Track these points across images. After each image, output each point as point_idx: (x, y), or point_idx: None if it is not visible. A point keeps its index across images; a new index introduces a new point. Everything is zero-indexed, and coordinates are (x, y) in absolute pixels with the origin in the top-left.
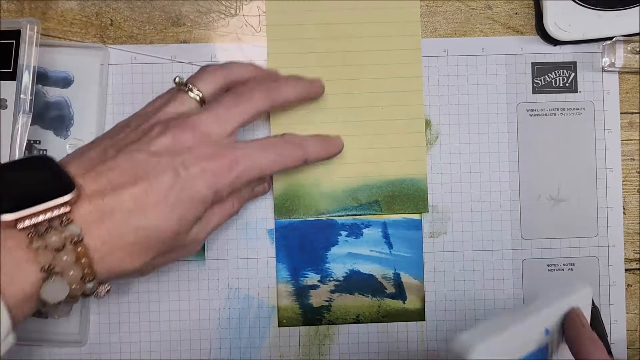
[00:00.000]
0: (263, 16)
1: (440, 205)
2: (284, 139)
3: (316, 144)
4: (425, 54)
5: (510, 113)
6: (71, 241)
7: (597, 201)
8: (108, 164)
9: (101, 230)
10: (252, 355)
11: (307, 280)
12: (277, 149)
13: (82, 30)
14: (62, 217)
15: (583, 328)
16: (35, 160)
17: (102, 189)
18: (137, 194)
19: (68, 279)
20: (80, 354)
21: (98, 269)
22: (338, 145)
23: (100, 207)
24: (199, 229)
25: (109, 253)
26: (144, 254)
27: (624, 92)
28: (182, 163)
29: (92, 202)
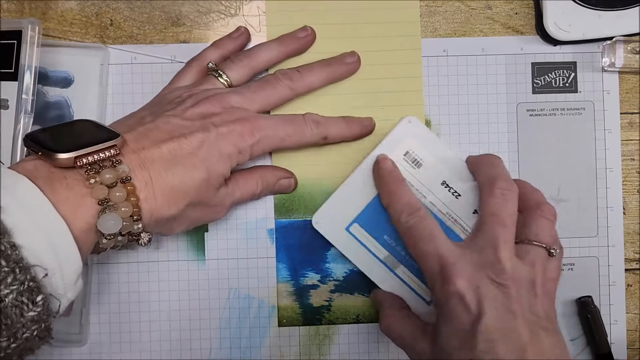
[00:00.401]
0: (263, 16)
1: None
2: (306, 116)
3: (339, 123)
4: (425, 54)
5: (510, 113)
6: (121, 179)
7: (597, 201)
8: (147, 126)
9: (144, 174)
10: (252, 355)
11: (307, 280)
12: (298, 124)
13: (82, 30)
14: (112, 158)
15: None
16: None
17: (143, 144)
18: (173, 147)
19: (120, 213)
20: (80, 354)
21: (143, 210)
22: (365, 125)
23: (142, 156)
24: (225, 194)
25: (151, 195)
26: (179, 200)
27: (624, 92)
28: (212, 123)
29: (135, 152)
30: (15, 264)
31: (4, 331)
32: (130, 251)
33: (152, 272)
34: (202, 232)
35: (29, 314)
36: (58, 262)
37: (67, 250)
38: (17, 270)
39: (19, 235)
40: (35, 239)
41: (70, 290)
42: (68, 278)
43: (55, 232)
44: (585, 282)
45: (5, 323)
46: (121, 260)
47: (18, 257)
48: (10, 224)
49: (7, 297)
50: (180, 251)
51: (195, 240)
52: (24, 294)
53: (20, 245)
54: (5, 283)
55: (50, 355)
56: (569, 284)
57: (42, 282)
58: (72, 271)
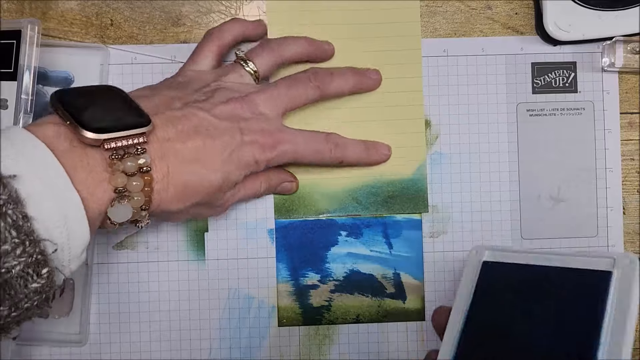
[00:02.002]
0: (263, 16)
1: (440, 205)
2: (329, 137)
3: (357, 146)
4: (425, 54)
5: (510, 113)
6: (141, 169)
7: (597, 201)
8: (176, 114)
9: (163, 167)
10: (252, 355)
11: (307, 280)
12: (318, 144)
13: (82, 30)
14: (138, 146)
15: None
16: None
17: (169, 135)
18: (198, 145)
19: (133, 203)
20: (80, 354)
21: (153, 201)
22: (383, 153)
23: (166, 147)
24: (230, 195)
25: (164, 189)
26: (188, 199)
27: (623, 92)
28: (240, 129)
29: (160, 141)
30: (25, 236)
31: (7, 301)
32: (130, 251)
33: (152, 272)
34: (202, 232)
35: (33, 285)
36: (68, 237)
37: (79, 227)
38: (27, 242)
39: (32, 206)
40: (49, 213)
41: (74, 262)
42: (74, 252)
43: (70, 209)
44: None
45: (9, 293)
46: (121, 260)
47: (29, 229)
48: (24, 193)
49: (14, 269)
50: (180, 251)
51: (195, 240)
52: (30, 266)
53: (32, 217)
54: (14, 254)
55: (50, 356)
56: None
57: (49, 256)
58: (80, 246)
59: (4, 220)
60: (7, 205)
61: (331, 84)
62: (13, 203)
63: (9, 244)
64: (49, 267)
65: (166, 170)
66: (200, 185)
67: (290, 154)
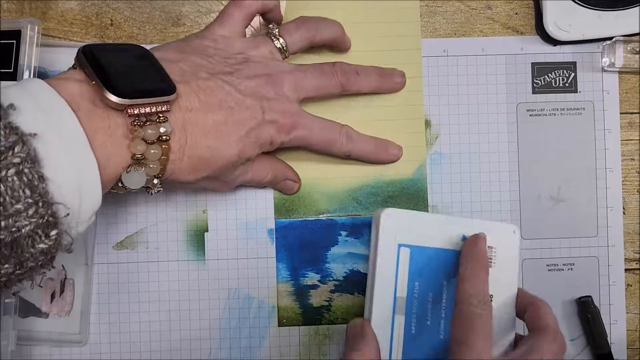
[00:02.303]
0: None
1: (440, 205)
2: (343, 129)
3: (367, 143)
4: (425, 54)
5: (510, 113)
6: (161, 138)
7: (597, 201)
8: (200, 84)
9: (182, 137)
10: (252, 355)
11: (307, 280)
12: (332, 134)
13: (82, 30)
14: (160, 114)
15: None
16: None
17: (192, 105)
18: (219, 119)
19: (148, 171)
20: (80, 354)
21: (167, 170)
22: (392, 153)
23: (187, 117)
24: (239, 173)
25: (180, 159)
26: (201, 171)
27: (623, 92)
28: (262, 108)
29: (182, 111)
30: (39, 197)
31: (12, 259)
32: (130, 251)
33: (152, 272)
34: (202, 232)
35: (40, 245)
36: (79, 202)
37: (92, 193)
38: (40, 203)
39: (49, 167)
40: (65, 176)
41: (82, 225)
42: (84, 216)
43: (87, 174)
44: (585, 282)
45: (16, 251)
46: (121, 260)
47: (44, 190)
48: (42, 154)
49: (24, 228)
50: (180, 251)
51: (195, 240)
52: (40, 227)
53: (48, 178)
54: (26, 214)
55: (50, 356)
56: (569, 284)
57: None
58: (89, 211)
59: (19, 179)
60: (24, 164)
61: (356, 84)
62: (30, 162)
63: (22, 203)
64: (58, 230)
65: (184, 141)
66: (215, 160)
67: (303, 139)
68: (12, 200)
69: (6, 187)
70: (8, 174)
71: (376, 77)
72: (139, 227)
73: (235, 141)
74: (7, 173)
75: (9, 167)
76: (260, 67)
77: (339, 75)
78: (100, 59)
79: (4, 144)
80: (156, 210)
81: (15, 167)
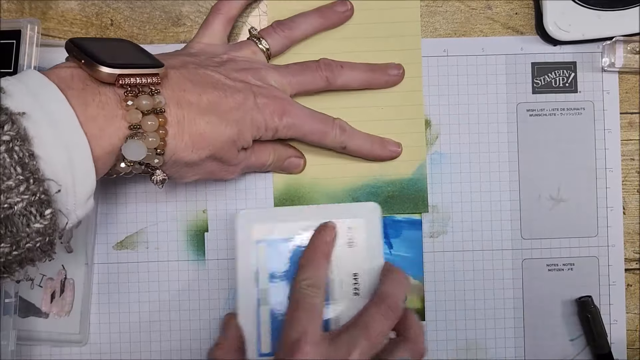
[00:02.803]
0: (263, 16)
1: (440, 205)
2: (335, 121)
3: (363, 139)
4: (425, 54)
5: (510, 113)
6: (156, 110)
7: (597, 201)
8: (191, 72)
9: (178, 112)
10: None
11: None
12: (326, 125)
13: (82, 30)
14: (152, 86)
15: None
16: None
17: (184, 86)
18: (213, 98)
19: (147, 143)
20: (80, 354)
21: (168, 146)
22: (389, 149)
23: (181, 96)
24: (243, 157)
25: (179, 133)
26: (203, 149)
27: (623, 92)
28: (253, 92)
29: (175, 90)
30: (30, 174)
31: (8, 238)
32: (130, 251)
33: (152, 272)
34: (202, 232)
35: (35, 225)
36: (73, 179)
37: (85, 169)
38: (31, 180)
39: (39, 145)
40: (55, 153)
41: (80, 208)
42: (80, 196)
43: (77, 150)
44: (585, 282)
45: (11, 230)
46: (121, 260)
47: (35, 167)
48: (32, 132)
49: (16, 205)
50: (180, 251)
51: (195, 240)
52: (33, 204)
53: (38, 156)
54: (17, 191)
55: (50, 356)
56: (569, 283)
57: (53, 197)
58: (85, 191)
59: (10, 156)
60: (14, 142)
61: (340, 77)
62: (20, 140)
63: (13, 179)
64: (53, 209)
65: (182, 117)
66: (215, 136)
67: (296, 128)
68: (3, 177)
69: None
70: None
71: (364, 72)
72: (139, 227)
73: (233, 120)
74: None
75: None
76: (245, 64)
77: (323, 70)
78: (89, 43)
79: None
80: (156, 210)
81: (5, 144)
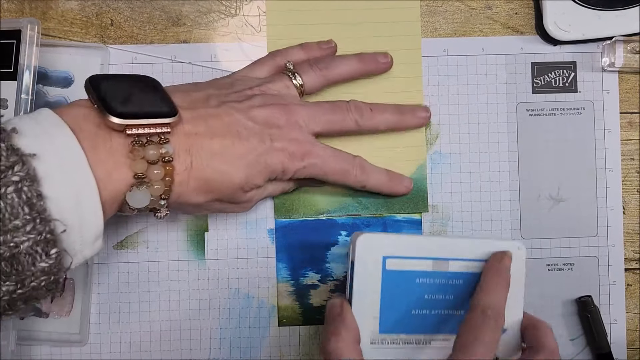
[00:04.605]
0: (263, 16)
1: (440, 205)
2: (356, 160)
3: (380, 177)
4: (425, 54)
5: (510, 113)
6: (163, 159)
7: (597, 201)
8: (209, 111)
9: (187, 159)
10: (252, 355)
11: (307, 280)
12: (346, 164)
13: (82, 30)
14: (162, 135)
15: (499, 261)
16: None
17: (198, 129)
18: (226, 143)
19: (152, 191)
20: (80, 354)
21: (173, 192)
22: (403, 187)
23: (193, 141)
24: (254, 194)
25: (186, 181)
26: (209, 194)
27: (623, 92)
28: (270, 135)
29: (187, 135)
30: (37, 214)
31: (13, 276)
32: (130, 251)
33: (152, 272)
34: (202, 232)
35: (41, 264)
36: (79, 220)
37: (92, 211)
38: (37, 220)
39: (47, 186)
40: (63, 194)
41: (87, 248)
42: (86, 236)
43: (84, 191)
44: (585, 281)
45: (16, 269)
46: (121, 260)
47: (42, 207)
48: (42, 173)
49: (22, 244)
50: (180, 251)
51: (195, 240)
52: (39, 244)
53: (47, 196)
54: (24, 230)
55: (50, 355)
56: (569, 283)
57: (59, 237)
58: (92, 232)
59: (18, 197)
60: (23, 182)
61: (370, 120)
62: (29, 180)
63: (20, 219)
64: (58, 249)
65: (189, 164)
66: (222, 183)
67: (317, 168)
68: (11, 216)
69: (5, 204)
70: (7, 192)
71: (393, 113)
72: (139, 227)
73: (243, 166)
74: (7, 190)
75: (8, 185)
76: (275, 98)
77: (353, 112)
78: (105, 84)
79: (5, 163)
80: None
81: (14, 185)
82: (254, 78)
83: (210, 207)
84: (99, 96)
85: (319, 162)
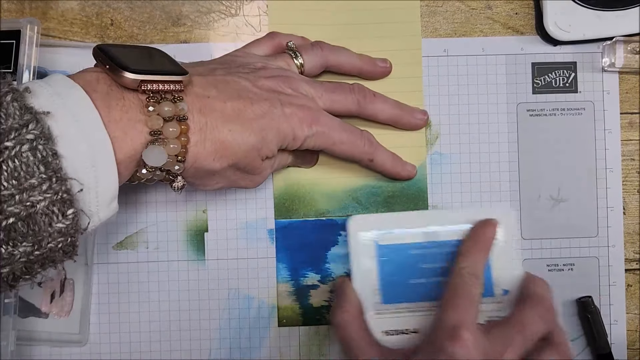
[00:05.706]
0: (263, 16)
1: (440, 205)
2: (364, 133)
3: (387, 155)
4: (425, 54)
5: (510, 113)
6: (178, 117)
7: (597, 201)
8: (217, 78)
9: (201, 119)
10: (252, 355)
11: (307, 280)
12: (354, 136)
13: (82, 30)
14: (175, 93)
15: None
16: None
17: (209, 93)
18: (237, 106)
19: (168, 150)
20: (80, 354)
21: (189, 153)
22: (406, 170)
23: (205, 103)
24: (268, 165)
25: (201, 142)
26: (226, 158)
27: (624, 92)
28: (280, 100)
29: (200, 97)
30: (53, 173)
31: (30, 237)
32: (130, 251)
33: (152, 272)
34: (202, 232)
35: (57, 225)
36: (96, 180)
37: (107, 170)
38: (53, 179)
39: (62, 144)
40: (78, 152)
41: (103, 210)
42: (102, 197)
43: (100, 150)
44: (585, 282)
45: (33, 229)
46: (121, 260)
47: (57, 166)
48: (56, 132)
49: (39, 204)
50: (180, 251)
51: (195, 240)
52: (56, 204)
53: (62, 155)
54: (40, 189)
55: (50, 356)
56: (569, 284)
57: (75, 196)
58: (108, 192)
59: (33, 155)
60: (38, 140)
61: (372, 104)
62: (44, 139)
63: (35, 178)
64: (75, 209)
65: (204, 124)
66: (238, 145)
67: (326, 137)
68: (27, 175)
69: (20, 162)
70: (22, 150)
71: (394, 106)
72: (139, 227)
73: (258, 129)
74: (22, 149)
75: (23, 143)
76: (277, 71)
77: (356, 93)
78: (115, 49)
79: (19, 121)
80: (156, 210)
81: (29, 143)
82: (254, 55)
83: (225, 175)
84: (111, 57)
85: (327, 130)
